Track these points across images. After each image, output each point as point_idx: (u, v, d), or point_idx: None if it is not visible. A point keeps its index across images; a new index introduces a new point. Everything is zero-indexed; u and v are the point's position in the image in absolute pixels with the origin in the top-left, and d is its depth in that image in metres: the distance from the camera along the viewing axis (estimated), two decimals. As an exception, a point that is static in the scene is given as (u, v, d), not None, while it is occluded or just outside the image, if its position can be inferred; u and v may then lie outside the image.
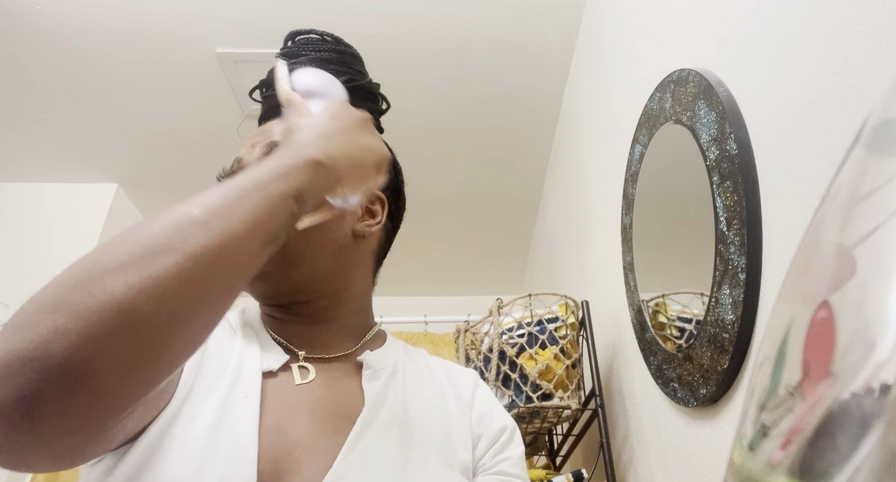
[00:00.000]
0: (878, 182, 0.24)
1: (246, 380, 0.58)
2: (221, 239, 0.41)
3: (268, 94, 0.75)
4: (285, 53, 0.75)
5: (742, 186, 0.77)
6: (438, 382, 0.70)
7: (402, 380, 0.67)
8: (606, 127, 1.58)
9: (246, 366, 0.59)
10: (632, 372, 1.21)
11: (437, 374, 0.72)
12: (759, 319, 0.75)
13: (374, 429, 0.59)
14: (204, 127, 2.31)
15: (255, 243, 0.44)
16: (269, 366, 0.60)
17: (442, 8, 1.91)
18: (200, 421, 0.53)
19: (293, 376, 0.62)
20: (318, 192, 0.51)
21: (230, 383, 0.57)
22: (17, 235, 2.41)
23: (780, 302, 0.29)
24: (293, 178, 0.48)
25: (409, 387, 0.67)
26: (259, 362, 0.60)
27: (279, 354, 0.62)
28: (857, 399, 0.20)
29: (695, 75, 0.94)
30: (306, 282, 0.66)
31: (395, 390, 0.65)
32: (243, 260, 0.43)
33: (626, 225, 1.24)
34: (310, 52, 0.75)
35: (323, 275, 0.68)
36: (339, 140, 0.55)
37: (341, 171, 0.53)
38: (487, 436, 0.66)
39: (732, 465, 0.28)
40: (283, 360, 0.61)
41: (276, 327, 0.68)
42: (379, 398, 0.63)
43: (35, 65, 2.05)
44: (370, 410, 0.61)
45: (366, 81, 0.78)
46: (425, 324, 2.16)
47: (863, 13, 0.60)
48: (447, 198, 2.64)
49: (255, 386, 0.57)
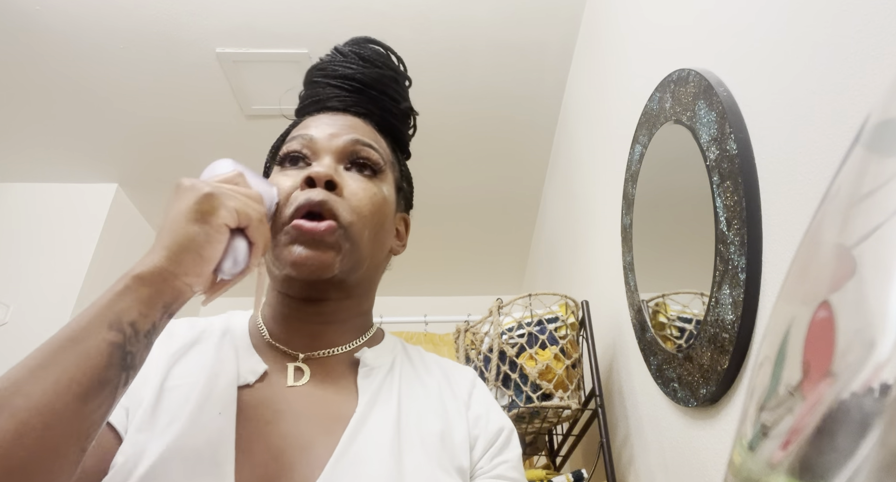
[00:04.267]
0: (878, 182, 0.24)
1: (220, 395, 0.57)
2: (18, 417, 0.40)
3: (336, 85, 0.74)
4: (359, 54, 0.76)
5: (742, 186, 0.77)
6: (436, 381, 0.69)
7: (398, 378, 0.66)
8: (606, 127, 1.58)
9: (221, 381, 0.58)
10: (632, 372, 1.21)
11: (434, 373, 0.71)
12: (759, 319, 0.74)
13: (368, 430, 0.58)
14: (204, 127, 2.31)
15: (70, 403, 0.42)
16: (246, 380, 0.59)
17: (442, 8, 1.91)
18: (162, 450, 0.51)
19: (286, 378, 0.62)
20: (153, 302, 0.49)
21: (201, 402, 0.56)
22: (17, 235, 2.41)
23: (780, 302, 0.29)
24: (110, 310, 0.46)
25: (406, 386, 0.66)
26: (235, 376, 0.59)
27: (257, 364, 0.61)
28: (857, 399, 0.20)
29: (695, 75, 0.94)
30: (351, 283, 0.67)
31: (391, 389, 0.64)
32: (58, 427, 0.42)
33: (626, 225, 1.24)
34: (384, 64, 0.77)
35: (364, 282, 0.69)
36: (164, 231, 0.52)
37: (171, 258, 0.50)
38: (485, 439, 0.64)
39: (732, 465, 0.28)
40: (260, 371, 0.61)
41: (279, 327, 0.67)
42: (373, 397, 0.62)
43: (35, 65, 2.05)
44: (363, 410, 0.60)
45: (416, 111, 0.81)
46: (425, 324, 2.16)
47: (863, 13, 0.60)
48: (447, 198, 2.64)
49: (231, 400, 0.57)
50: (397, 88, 0.78)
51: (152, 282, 0.49)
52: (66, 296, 2.29)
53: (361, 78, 0.74)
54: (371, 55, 0.76)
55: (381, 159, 0.70)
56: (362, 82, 0.74)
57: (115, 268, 2.49)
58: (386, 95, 0.76)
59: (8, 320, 2.23)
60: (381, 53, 0.77)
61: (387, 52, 0.78)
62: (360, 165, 0.68)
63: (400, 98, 0.78)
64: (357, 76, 0.74)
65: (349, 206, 0.64)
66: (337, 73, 0.75)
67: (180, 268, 0.50)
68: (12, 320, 2.23)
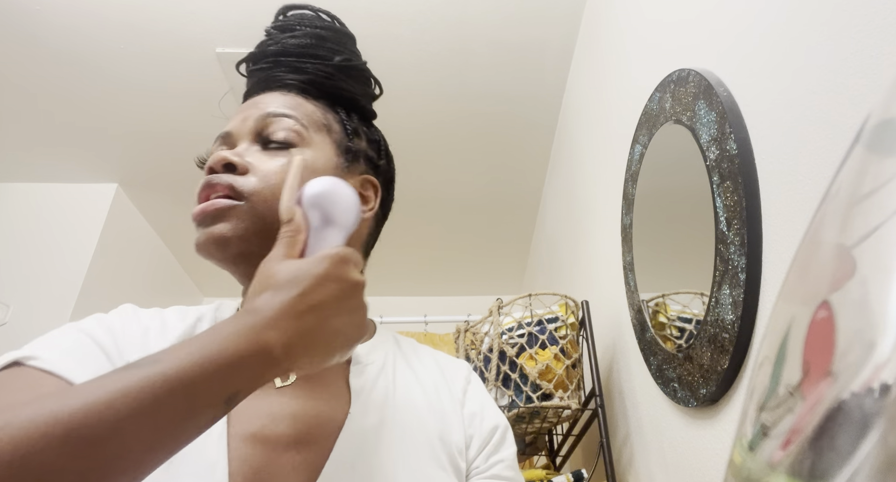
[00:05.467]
0: (878, 182, 0.24)
1: None
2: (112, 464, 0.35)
3: (256, 68, 0.73)
4: (278, 26, 0.73)
5: (742, 186, 0.77)
6: (431, 377, 0.67)
7: (392, 374, 0.65)
8: (606, 127, 1.58)
9: None
10: (632, 372, 1.21)
11: (429, 367, 0.69)
12: (759, 319, 0.74)
13: (362, 430, 0.57)
14: (204, 127, 2.30)
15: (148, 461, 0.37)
16: None
17: (442, 8, 1.91)
18: None
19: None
20: (256, 387, 0.42)
21: None
22: (18, 235, 2.41)
23: (780, 302, 0.29)
24: (234, 376, 0.40)
25: (400, 382, 0.64)
26: None
27: None
28: (857, 399, 0.20)
29: (695, 75, 0.94)
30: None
31: (384, 386, 0.62)
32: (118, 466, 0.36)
33: (626, 225, 1.24)
34: (305, 26, 0.72)
35: None
36: (310, 322, 0.45)
37: (294, 362, 0.44)
38: (480, 437, 0.63)
39: (732, 465, 0.28)
40: None
41: None
42: (366, 397, 0.60)
43: (35, 65, 2.05)
44: (357, 411, 0.58)
45: (361, 63, 0.76)
46: (425, 325, 2.16)
47: (863, 13, 0.60)
48: (447, 198, 2.64)
49: None
50: (327, 46, 0.73)
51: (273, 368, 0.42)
52: (66, 297, 2.28)
53: (274, 49, 0.71)
54: (290, 23, 0.73)
55: (298, 124, 0.65)
56: (276, 53, 0.71)
57: (115, 268, 2.49)
58: (309, 57, 0.71)
59: (8, 320, 2.23)
60: (304, 17, 0.74)
61: (315, 13, 0.75)
62: (265, 141, 0.65)
63: (330, 55, 0.72)
64: (269, 50, 0.72)
65: (254, 179, 0.61)
66: (254, 54, 0.73)
67: (295, 365, 0.44)
68: (12, 320, 2.23)
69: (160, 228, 2.76)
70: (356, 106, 0.75)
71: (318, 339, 0.45)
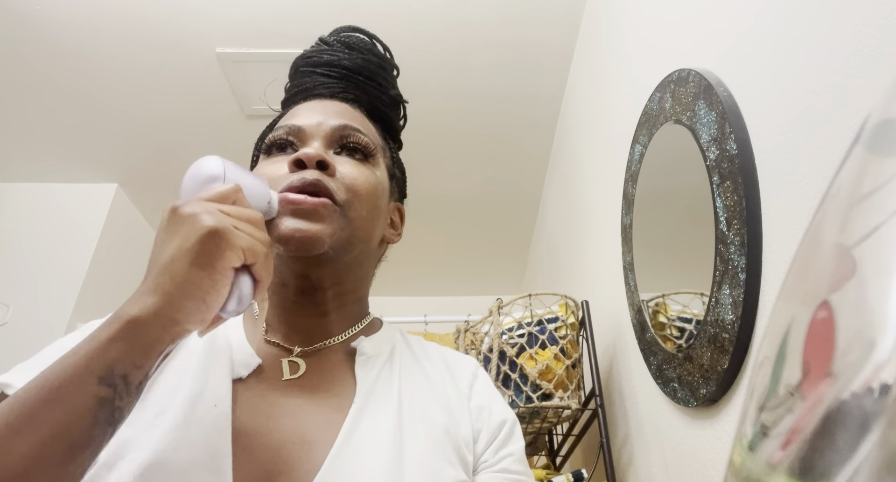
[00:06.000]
0: (878, 182, 0.24)
1: (214, 388, 0.55)
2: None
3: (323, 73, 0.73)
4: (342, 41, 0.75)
5: (742, 186, 0.77)
6: (438, 371, 0.67)
7: (398, 367, 0.65)
8: (606, 127, 1.58)
9: (215, 373, 0.56)
10: (632, 372, 1.21)
11: (435, 362, 0.69)
12: (759, 319, 0.74)
13: (367, 421, 0.56)
14: (204, 127, 2.31)
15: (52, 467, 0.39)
16: (239, 374, 0.57)
17: (442, 8, 1.91)
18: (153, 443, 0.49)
19: (282, 372, 0.60)
20: (141, 354, 0.43)
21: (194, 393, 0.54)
22: (18, 235, 2.41)
23: (780, 302, 0.29)
24: (101, 360, 0.42)
25: (407, 375, 0.64)
26: (230, 368, 0.57)
27: (250, 357, 0.59)
28: (857, 399, 0.20)
29: (695, 75, 0.94)
30: (343, 267, 0.65)
31: (390, 377, 0.63)
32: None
33: (626, 225, 1.24)
34: (367, 52, 0.75)
35: (356, 268, 0.67)
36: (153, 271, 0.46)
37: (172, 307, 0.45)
38: (488, 431, 0.63)
39: (732, 465, 0.28)
40: (253, 365, 0.59)
41: (274, 321, 0.65)
42: (372, 387, 0.60)
43: (35, 65, 2.06)
44: (362, 400, 0.58)
45: (405, 100, 0.80)
46: (425, 325, 2.16)
47: (863, 13, 0.60)
48: (447, 198, 2.64)
49: (226, 393, 0.55)
50: (384, 76, 0.76)
51: (150, 329, 0.44)
52: (66, 297, 2.29)
53: (348, 64, 0.73)
54: (356, 43, 0.75)
55: (371, 144, 0.68)
56: (349, 68, 0.73)
57: (115, 268, 2.49)
58: (373, 81, 0.74)
59: (8, 320, 2.23)
60: (366, 41, 0.76)
61: (371, 40, 0.77)
62: (350, 149, 0.67)
63: (388, 85, 0.76)
64: (343, 62, 0.73)
65: (344, 185, 0.62)
66: (323, 60, 0.74)
67: (181, 315, 0.45)
68: (12, 320, 2.23)
69: (160, 228, 2.76)
70: (396, 137, 0.80)
71: (165, 274, 0.45)
